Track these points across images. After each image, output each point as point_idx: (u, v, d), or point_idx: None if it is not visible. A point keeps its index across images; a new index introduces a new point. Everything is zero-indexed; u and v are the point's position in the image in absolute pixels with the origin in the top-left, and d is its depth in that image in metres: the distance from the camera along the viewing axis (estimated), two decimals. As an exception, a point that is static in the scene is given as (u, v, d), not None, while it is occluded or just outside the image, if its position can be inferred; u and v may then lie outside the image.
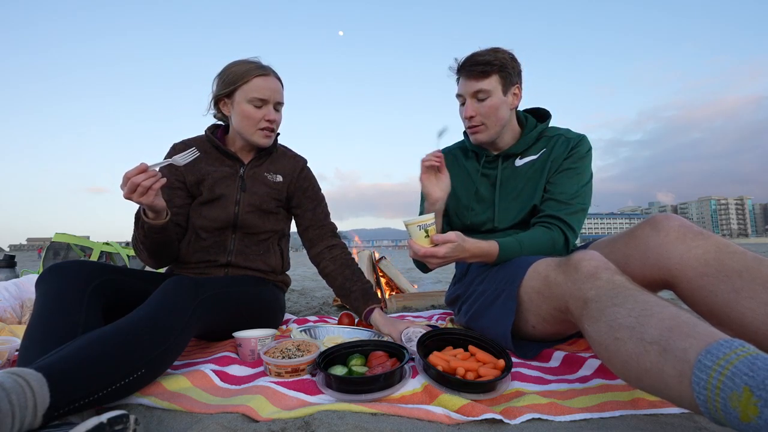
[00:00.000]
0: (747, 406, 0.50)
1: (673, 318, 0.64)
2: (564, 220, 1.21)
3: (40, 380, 0.64)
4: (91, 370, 0.72)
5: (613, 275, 0.80)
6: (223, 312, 1.13)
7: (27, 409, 0.61)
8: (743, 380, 0.51)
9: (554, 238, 1.20)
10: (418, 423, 0.75)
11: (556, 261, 0.96)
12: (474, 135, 1.33)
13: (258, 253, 1.39)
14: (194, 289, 1.00)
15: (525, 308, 1.02)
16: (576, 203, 1.24)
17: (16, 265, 2.94)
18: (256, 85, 1.29)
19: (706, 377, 0.54)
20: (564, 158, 1.28)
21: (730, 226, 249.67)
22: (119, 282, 1.07)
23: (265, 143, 1.36)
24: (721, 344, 0.56)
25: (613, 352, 0.69)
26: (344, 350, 1.01)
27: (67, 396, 0.68)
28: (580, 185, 1.26)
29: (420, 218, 1.08)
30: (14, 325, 1.41)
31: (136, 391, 0.84)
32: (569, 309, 0.86)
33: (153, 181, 1.02)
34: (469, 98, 1.28)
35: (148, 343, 0.83)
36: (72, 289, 0.95)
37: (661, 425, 0.72)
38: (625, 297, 0.73)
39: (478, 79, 1.25)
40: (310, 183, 1.50)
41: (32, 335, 0.86)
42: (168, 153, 1.40)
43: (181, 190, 1.37)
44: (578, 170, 1.27)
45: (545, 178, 1.29)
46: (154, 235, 1.16)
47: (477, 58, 1.25)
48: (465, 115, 1.30)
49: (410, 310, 2.12)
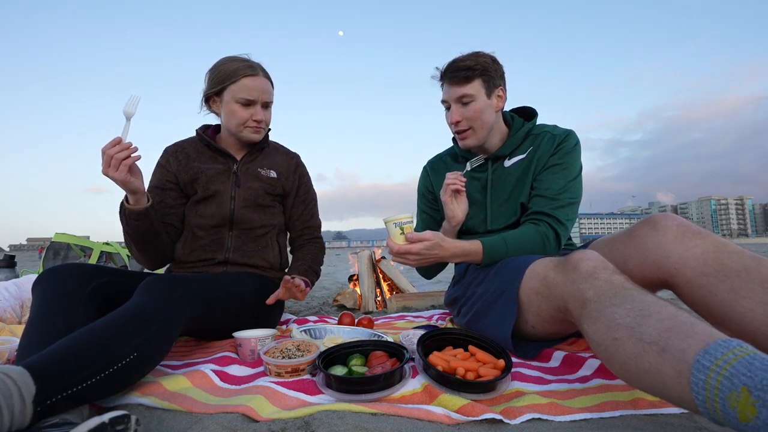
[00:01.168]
0: (745, 406, 0.50)
1: (672, 318, 0.64)
2: (551, 215, 1.22)
3: (21, 372, 0.65)
4: (73, 357, 0.73)
5: (611, 275, 0.80)
6: (219, 308, 1.14)
7: (12, 397, 0.61)
8: (741, 380, 0.51)
9: (543, 233, 1.20)
10: (418, 423, 0.75)
11: (554, 261, 0.96)
12: (462, 141, 1.34)
13: (256, 249, 1.40)
14: (178, 281, 1.01)
15: (524, 309, 1.02)
16: (564, 198, 1.24)
17: (16, 265, 2.94)
18: (244, 85, 1.30)
19: (704, 378, 0.54)
20: (550, 155, 1.28)
21: (730, 226, 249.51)
22: (116, 284, 1.08)
23: (254, 138, 1.37)
24: (719, 344, 0.56)
25: (612, 353, 0.70)
26: (344, 350, 1.01)
27: (52, 383, 0.68)
28: (567, 180, 1.25)
29: (397, 216, 1.10)
30: (14, 325, 1.41)
31: (130, 382, 0.84)
32: (568, 309, 0.86)
33: (126, 153, 1.03)
34: (454, 104, 1.29)
35: (132, 329, 0.83)
36: (69, 292, 0.95)
37: (661, 425, 0.72)
38: (624, 297, 0.73)
39: (461, 84, 1.26)
40: (304, 181, 1.54)
41: (30, 337, 0.87)
42: (161, 157, 1.43)
43: (173, 191, 1.39)
44: (564, 165, 1.27)
45: (531, 176, 1.30)
46: (135, 222, 1.17)
47: (458, 64, 1.26)
48: (451, 120, 1.31)
49: (410, 310, 2.12)
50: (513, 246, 1.17)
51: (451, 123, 1.33)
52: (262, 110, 1.35)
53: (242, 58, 1.35)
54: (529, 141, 1.35)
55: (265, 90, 1.34)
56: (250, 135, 1.36)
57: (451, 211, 1.30)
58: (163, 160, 1.41)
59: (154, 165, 1.43)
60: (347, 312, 1.59)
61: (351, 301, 2.33)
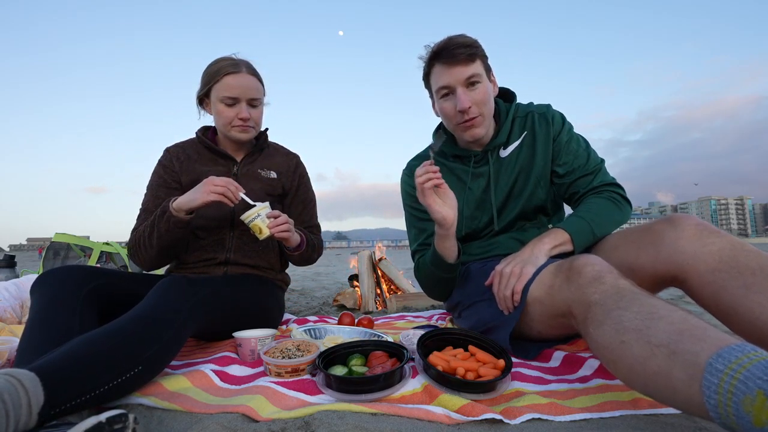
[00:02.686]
0: (761, 410, 0.49)
1: (683, 321, 0.63)
2: (605, 183, 1.20)
3: (33, 379, 0.65)
4: (84, 369, 0.73)
5: (617, 279, 0.79)
6: (221, 312, 1.14)
7: (21, 407, 0.61)
8: (757, 384, 0.50)
9: (613, 198, 1.17)
10: (418, 423, 0.75)
11: (556, 266, 0.94)
12: (471, 130, 1.19)
13: (256, 250, 1.40)
14: (189, 288, 1.01)
15: (530, 318, 1.00)
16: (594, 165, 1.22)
17: (16, 265, 2.94)
18: (227, 83, 1.29)
19: (717, 381, 0.53)
20: (554, 136, 1.24)
21: (730, 226, 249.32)
22: (115, 285, 1.08)
23: (242, 138, 1.35)
24: (734, 348, 0.55)
25: (618, 356, 0.68)
26: (344, 350, 1.00)
27: (61, 394, 0.68)
28: (584, 148, 1.24)
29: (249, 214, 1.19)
30: (14, 325, 1.41)
31: (133, 390, 0.84)
32: (572, 314, 0.84)
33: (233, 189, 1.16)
34: (461, 87, 1.14)
35: (142, 341, 0.83)
36: (67, 293, 0.95)
37: (661, 425, 0.72)
38: (631, 300, 0.72)
39: (466, 63, 1.12)
40: (303, 181, 1.52)
41: (29, 338, 0.87)
42: (162, 156, 1.43)
43: (177, 190, 1.39)
44: (572, 138, 1.25)
45: (542, 163, 1.24)
46: (178, 230, 1.19)
47: (459, 41, 1.13)
48: (461, 106, 1.14)
49: (410, 310, 2.12)
50: (597, 225, 1.11)
51: (459, 110, 1.15)
52: (247, 108, 1.32)
53: (229, 57, 1.34)
54: (518, 125, 1.28)
55: (250, 87, 1.31)
56: (238, 134, 1.34)
57: (438, 212, 1.06)
58: (166, 159, 1.42)
59: (155, 164, 1.43)
60: (347, 312, 1.59)
61: (351, 301, 2.33)
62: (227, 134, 1.36)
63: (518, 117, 1.29)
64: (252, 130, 1.37)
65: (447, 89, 1.17)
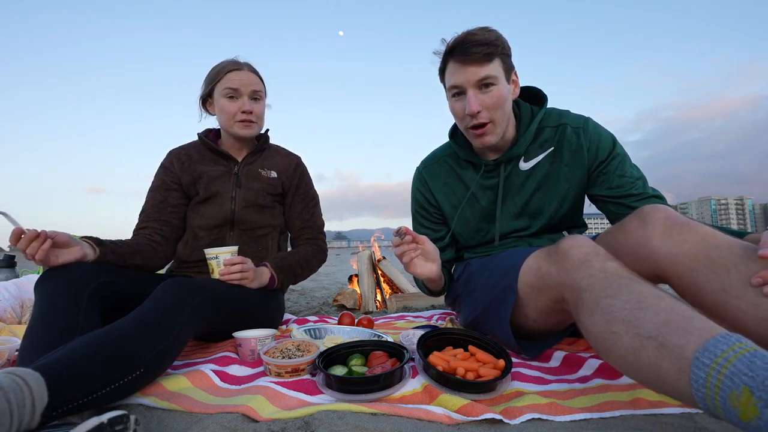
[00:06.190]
0: (747, 406, 0.49)
1: (669, 311, 0.63)
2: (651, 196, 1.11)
3: (38, 379, 0.65)
4: (88, 370, 0.73)
5: (604, 262, 0.77)
6: (222, 313, 1.14)
7: (25, 407, 0.61)
8: (742, 380, 0.50)
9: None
10: (418, 423, 0.75)
11: (545, 251, 0.93)
12: (481, 138, 1.11)
13: (256, 250, 1.40)
14: (191, 291, 1.01)
15: (523, 304, 0.99)
16: (641, 182, 1.13)
17: (16, 265, 2.94)
18: (229, 78, 1.35)
19: (704, 375, 0.54)
20: (600, 162, 1.13)
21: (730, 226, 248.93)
22: (118, 284, 1.08)
23: (245, 134, 1.37)
24: (719, 340, 0.55)
25: (610, 346, 0.68)
26: (344, 350, 1.01)
27: (65, 395, 0.68)
28: (628, 165, 1.14)
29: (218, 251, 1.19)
30: (14, 325, 1.41)
31: (135, 391, 0.84)
32: (565, 299, 0.84)
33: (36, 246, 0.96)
34: (472, 88, 1.06)
35: (145, 343, 0.83)
36: (70, 291, 0.95)
37: (661, 425, 0.72)
38: (619, 287, 0.71)
39: (481, 63, 1.04)
40: (304, 180, 1.53)
41: (31, 337, 0.87)
42: (165, 159, 1.45)
43: (176, 191, 1.41)
44: (618, 156, 1.13)
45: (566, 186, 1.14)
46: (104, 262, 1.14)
47: (476, 38, 1.04)
48: (469, 110, 1.07)
49: (410, 310, 2.12)
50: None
51: (467, 114, 1.09)
52: (249, 101, 1.36)
53: (230, 58, 1.40)
54: (545, 136, 1.15)
55: (251, 81, 1.37)
56: (241, 130, 1.36)
57: (421, 274, 1.09)
58: (167, 161, 1.44)
59: (158, 166, 1.45)
60: (347, 312, 1.59)
61: (351, 301, 2.33)
62: (230, 131, 1.37)
63: (547, 127, 1.17)
64: (254, 126, 1.39)
65: (458, 89, 1.10)
